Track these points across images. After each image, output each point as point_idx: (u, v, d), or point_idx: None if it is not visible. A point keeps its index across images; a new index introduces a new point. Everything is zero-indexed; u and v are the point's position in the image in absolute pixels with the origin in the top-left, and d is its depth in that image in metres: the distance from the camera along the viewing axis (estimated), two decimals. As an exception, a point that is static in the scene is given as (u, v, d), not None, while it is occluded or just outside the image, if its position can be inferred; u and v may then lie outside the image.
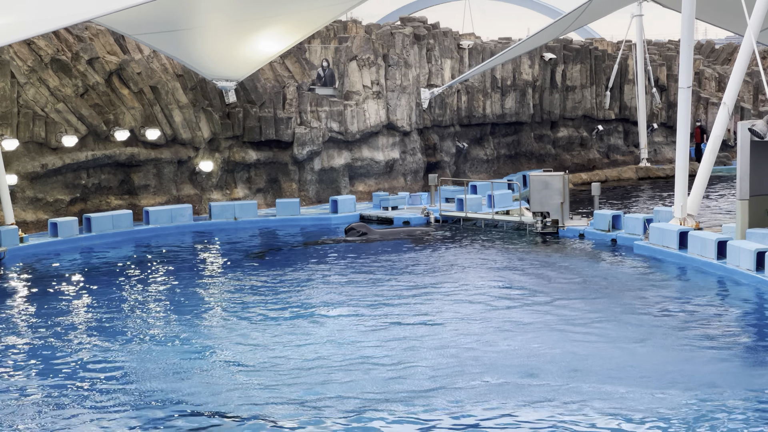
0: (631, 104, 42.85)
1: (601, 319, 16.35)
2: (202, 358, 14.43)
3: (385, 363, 13.85)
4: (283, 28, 27.51)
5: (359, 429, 11.34)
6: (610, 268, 21.29)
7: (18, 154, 25.43)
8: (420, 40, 34.84)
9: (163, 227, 26.58)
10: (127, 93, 27.86)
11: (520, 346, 14.67)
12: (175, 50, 27.28)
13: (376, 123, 32.99)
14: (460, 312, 16.97)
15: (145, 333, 15.94)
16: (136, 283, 20.11)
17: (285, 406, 12.14)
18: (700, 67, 46.32)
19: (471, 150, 37.24)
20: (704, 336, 15.32)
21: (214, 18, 26.25)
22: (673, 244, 21.74)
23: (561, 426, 11.28)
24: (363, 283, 19.62)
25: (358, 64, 32.58)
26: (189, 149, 29.02)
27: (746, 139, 20.67)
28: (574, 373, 13.27)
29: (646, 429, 11.16)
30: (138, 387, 12.97)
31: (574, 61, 41.12)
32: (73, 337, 15.74)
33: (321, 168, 31.65)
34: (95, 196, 27.36)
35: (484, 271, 20.86)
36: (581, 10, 31.39)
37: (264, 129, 30.36)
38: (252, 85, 30.36)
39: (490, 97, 37.63)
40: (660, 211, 24.24)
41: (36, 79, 26.02)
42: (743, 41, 21.69)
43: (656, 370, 13.34)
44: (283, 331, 15.87)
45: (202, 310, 17.69)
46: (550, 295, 18.21)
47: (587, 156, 41.78)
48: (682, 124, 22.63)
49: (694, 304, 17.64)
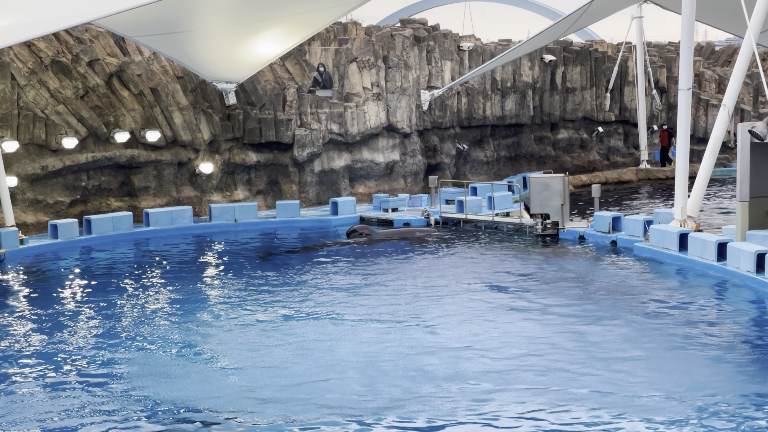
0: (631, 106, 42.86)
1: (600, 321, 16.34)
2: (202, 361, 14.42)
3: (385, 365, 13.84)
4: (283, 30, 27.51)
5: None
6: (610, 270, 21.28)
7: (18, 156, 25.44)
8: (420, 42, 34.85)
9: (163, 229, 26.58)
10: (128, 95, 27.86)
11: (519, 347, 14.66)
12: (176, 52, 27.29)
13: (376, 125, 33.00)
14: (459, 314, 16.95)
15: (144, 335, 15.93)
16: (135, 285, 20.11)
17: (284, 408, 12.13)
18: (700, 68, 46.32)
19: (471, 152, 37.25)
20: (704, 338, 15.30)
21: (215, 20, 26.26)
22: (674, 245, 21.74)
23: (554, 426, 11.28)
24: (363, 286, 19.60)
25: (358, 66, 32.59)
26: (189, 151, 29.03)
27: (746, 140, 20.66)
28: (571, 373, 13.26)
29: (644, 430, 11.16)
30: (137, 389, 12.96)
31: (574, 63, 41.13)
32: (73, 338, 15.73)
33: (321, 170, 31.65)
34: (95, 198, 27.37)
35: (484, 272, 20.84)
36: (581, 11, 31.40)
37: (264, 131, 30.37)
38: (252, 87, 30.37)
39: (490, 99, 37.64)
40: (660, 213, 24.23)
41: (36, 80, 26.02)
42: (743, 43, 21.69)
43: (655, 372, 13.33)
44: (283, 334, 15.85)
45: (201, 312, 17.67)
46: (549, 298, 18.19)
47: (587, 158, 41.79)
48: (683, 126, 22.62)
49: (694, 306, 17.63)
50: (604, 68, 42.26)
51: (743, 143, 20.79)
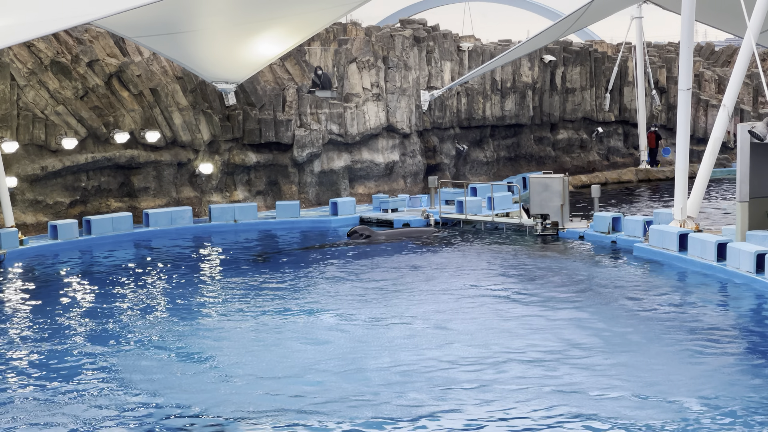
0: (630, 106, 42.86)
1: (599, 321, 16.33)
2: (201, 361, 14.41)
3: (385, 366, 13.85)
4: (282, 30, 27.53)
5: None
6: (609, 270, 21.28)
7: (18, 157, 25.44)
8: (420, 43, 34.86)
9: (162, 229, 26.59)
10: (127, 95, 27.86)
11: (518, 347, 14.66)
12: (175, 53, 27.29)
13: (375, 125, 33.00)
14: (460, 314, 16.96)
15: (144, 335, 15.92)
16: (135, 286, 20.10)
17: (284, 409, 12.13)
18: (699, 69, 46.33)
19: (471, 152, 37.25)
20: (703, 338, 15.29)
21: (214, 21, 26.27)
22: (673, 246, 21.73)
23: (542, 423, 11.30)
24: (363, 286, 19.60)
25: (357, 67, 32.59)
26: (189, 151, 29.03)
27: (746, 141, 20.67)
28: (565, 373, 13.27)
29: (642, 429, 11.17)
30: (136, 389, 12.95)
31: (573, 63, 41.14)
32: (72, 339, 15.72)
33: (321, 170, 31.65)
34: (95, 199, 27.37)
35: (484, 272, 20.84)
36: (581, 12, 31.41)
37: (264, 131, 30.37)
38: (252, 87, 30.37)
39: (490, 99, 37.64)
40: (660, 213, 24.23)
41: (36, 81, 26.02)
42: (743, 43, 21.69)
43: (654, 373, 13.32)
44: (283, 334, 15.85)
45: (201, 313, 17.67)
46: (548, 298, 18.18)
47: (587, 158, 41.79)
48: (682, 126, 22.63)
49: (693, 307, 17.63)
50: (603, 68, 42.27)
51: (743, 143, 20.79)
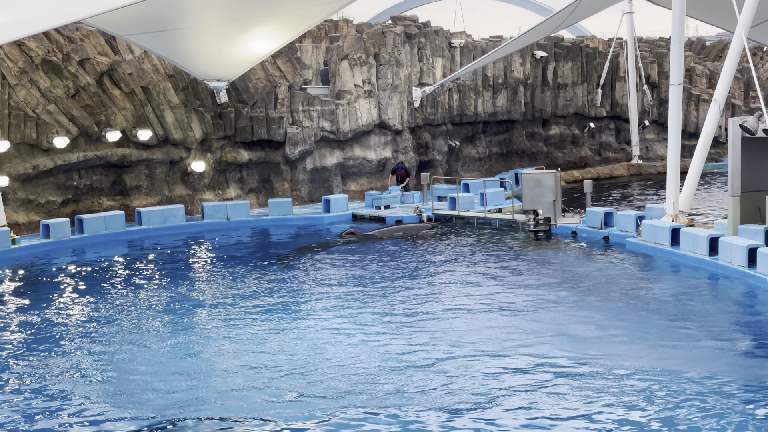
0: (622, 101, 42.93)
1: (591, 315, 16.37)
2: (194, 360, 14.42)
3: (385, 365, 13.87)
4: (274, 27, 27.50)
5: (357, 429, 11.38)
6: (601, 265, 21.32)
7: (9, 156, 25.38)
8: (411, 39, 34.85)
9: (155, 228, 26.53)
10: (119, 94, 27.81)
11: (516, 345, 14.69)
12: (167, 50, 27.25)
13: (367, 122, 32.99)
14: (456, 311, 16.99)
15: (137, 334, 15.91)
16: (128, 285, 20.08)
17: (282, 409, 12.14)
18: (690, 64, 46.42)
19: (463, 148, 37.27)
20: (695, 331, 15.35)
21: (205, 18, 26.22)
22: (666, 240, 21.78)
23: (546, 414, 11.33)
24: (357, 284, 19.62)
25: (349, 63, 32.57)
26: (181, 150, 28.99)
27: (737, 135, 20.73)
28: (559, 366, 13.30)
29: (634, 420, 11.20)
30: (128, 389, 12.95)
31: (565, 59, 41.17)
32: (65, 338, 15.71)
33: (313, 167, 31.64)
34: (87, 197, 27.31)
35: (476, 268, 20.87)
36: (572, 7, 31.43)
37: (256, 129, 30.35)
38: (243, 85, 30.34)
39: (482, 96, 37.65)
40: (652, 208, 24.27)
41: (27, 80, 25.95)
42: (734, 38, 21.74)
43: (645, 365, 13.36)
44: (277, 333, 15.86)
45: (194, 311, 17.65)
46: (541, 292, 18.22)
47: (579, 153, 41.84)
48: (674, 121, 22.67)
49: (685, 301, 17.68)
50: (595, 64, 42.31)
51: (734, 138, 20.86)
